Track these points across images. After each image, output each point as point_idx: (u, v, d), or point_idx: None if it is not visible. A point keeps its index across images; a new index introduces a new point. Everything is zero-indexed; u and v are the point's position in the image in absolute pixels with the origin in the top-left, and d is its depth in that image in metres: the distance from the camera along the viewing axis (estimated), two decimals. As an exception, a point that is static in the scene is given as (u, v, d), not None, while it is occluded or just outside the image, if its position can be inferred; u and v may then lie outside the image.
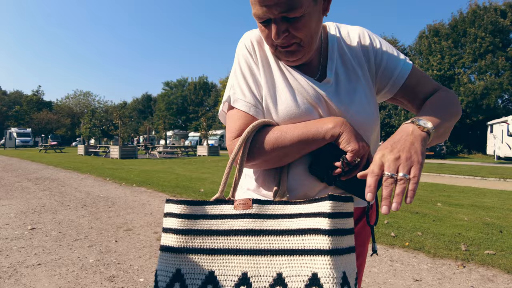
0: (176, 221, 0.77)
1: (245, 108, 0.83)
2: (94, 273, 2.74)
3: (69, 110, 54.88)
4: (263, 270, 0.72)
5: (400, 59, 0.89)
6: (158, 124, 36.67)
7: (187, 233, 0.76)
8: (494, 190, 7.19)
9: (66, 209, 5.07)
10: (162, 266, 0.76)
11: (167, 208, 0.79)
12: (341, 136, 0.75)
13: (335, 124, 0.76)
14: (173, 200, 0.79)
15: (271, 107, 0.82)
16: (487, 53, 25.60)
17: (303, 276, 0.69)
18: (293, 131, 0.77)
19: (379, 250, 3.33)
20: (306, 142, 0.76)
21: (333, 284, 0.66)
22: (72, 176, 9.40)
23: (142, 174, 9.79)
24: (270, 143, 0.78)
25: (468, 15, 27.55)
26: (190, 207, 0.78)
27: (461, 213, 4.83)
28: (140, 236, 3.73)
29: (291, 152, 0.78)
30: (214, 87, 57.18)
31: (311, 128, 0.77)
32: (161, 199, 5.99)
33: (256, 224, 0.74)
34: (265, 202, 0.76)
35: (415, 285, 2.58)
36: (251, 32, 0.90)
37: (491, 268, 2.88)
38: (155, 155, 20.72)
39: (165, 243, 0.77)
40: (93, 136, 27.20)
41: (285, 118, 0.81)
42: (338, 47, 0.88)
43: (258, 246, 0.73)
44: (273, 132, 0.79)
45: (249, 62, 0.86)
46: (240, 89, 0.85)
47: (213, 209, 0.78)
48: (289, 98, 0.81)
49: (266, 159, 0.80)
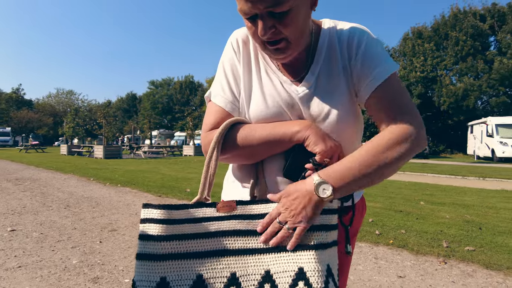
0: (158, 227, 0.73)
1: (222, 104, 0.86)
2: (78, 274, 2.69)
3: (51, 109, 53.55)
4: (252, 269, 0.73)
5: (375, 70, 0.80)
6: (143, 123, 36.23)
7: (171, 238, 0.73)
8: (474, 189, 7.40)
9: (48, 210, 4.95)
10: (142, 276, 0.71)
11: (145, 214, 0.74)
12: (308, 139, 0.76)
13: (301, 127, 0.78)
14: (152, 205, 0.75)
15: (245, 106, 0.85)
16: (468, 56, 26.32)
17: (290, 271, 0.71)
18: (261, 131, 0.80)
19: (364, 248, 3.39)
20: (273, 143, 0.79)
21: (319, 276, 0.70)
22: (55, 176, 9.18)
23: (127, 174, 9.64)
24: (239, 139, 0.81)
25: (450, 19, 28.26)
26: (172, 211, 0.75)
27: (443, 211, 4.96)
28: (125, 237, 3.68)
29: (259, 150, 0.81)
30: (200, 86, 56.80)
31: (279, 130, 0.79)
32: (146, 199, 5.92)
33: (243, 225, 0.75)
34: (248, 202, 0.77)
35: (399, 282, 2.63)
36: (239, 31, 0.91)
37: (471, 264, 2.96)
38: (140, 155, 20.45)
39: (145, 251, 0.72)
40: (77, 136, 26.60)
41: (254, 118, 0.83)
42: (327, 46, 0.86)
43: (246, 246, 0.74)
44: (244, 129, 0.81)
45: (233, 61, 0.88)
46: (220, 85, 0.88)
47: (196, 212, 0.76)
48: (260, 100, 0.83)
49: (235, 154, 0.83)
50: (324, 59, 0.85)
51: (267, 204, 0.77)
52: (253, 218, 0.76)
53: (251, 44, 0.89)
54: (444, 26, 28.48)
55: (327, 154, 0.75)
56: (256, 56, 0.88)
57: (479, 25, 26.42)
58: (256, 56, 0.88)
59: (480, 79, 25.68)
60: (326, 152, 0.75)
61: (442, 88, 26.44)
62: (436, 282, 2.62)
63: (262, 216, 0.76)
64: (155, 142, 41.49)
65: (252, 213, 0.77)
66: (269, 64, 0.87)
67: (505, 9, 27.25)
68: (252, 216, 0.76)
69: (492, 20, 27.16)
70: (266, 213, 0.76)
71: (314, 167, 0.75)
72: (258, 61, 0.88)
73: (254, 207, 0.77)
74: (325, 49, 0.86)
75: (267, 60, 0.88)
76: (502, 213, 4.90)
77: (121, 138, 41.45)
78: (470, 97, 25.02)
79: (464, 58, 26.47)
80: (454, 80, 27.12)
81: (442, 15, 29.40)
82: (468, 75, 26.23)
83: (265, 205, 0.77)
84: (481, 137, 20.22)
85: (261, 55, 0.88)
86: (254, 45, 0.89)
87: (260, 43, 0.79)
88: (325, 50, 0.86)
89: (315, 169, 0.75)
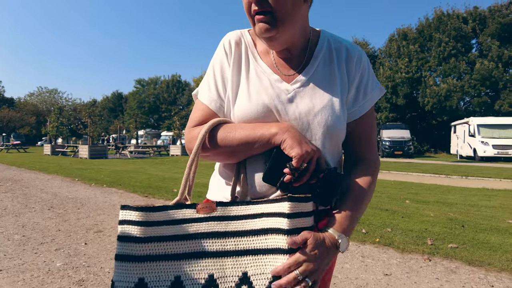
0: (137, 228, 0.73)
1: (207, 102, 0.88)
2: (62, 277, 2.63)
3: (34, 108, 52.18)
4: (229, 271, 0.73)
5: (371, 92, 0.90)
6: (129, 123, 35.72)
7: (150, 240, 0.74)
8: (457, 187, 7.59)
9: (30, 212, 4.83)
10: (121, 276, 0.72)
11: (124, 215, 0.75)
12: (285, 142, 0.76)
13: (279, 130, 0.78)
14: (131, 206, 0.75)
15: (231, 106, 0.87)
16: (451, 57, 26.95)
17: (267, 274, 0.73)
18: (241, 131, 0.81)
19: (351, 246, 3.43)
20: (252, 143, 0.80)
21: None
22: (38, 177, 8.96)
23: (112, 175, 9.49)
24: (219, 138, 0.82)
25: (434, 21, 28.86)
26: (150, 213, 0.75)
27: (428, 210, 5.06)
28: (111, 238, 3.62)
29: (238, 150, 0.82)
30: (187, 85, 56.31)
31: (258, 131, 0.79)
32: (133, 199, 5.84)
33: (221, 226, 0.76)
34: (228, 203, 0.78)
35: (385, 280, 2.67)
36: (232, 33, 0.93)
37: (454, 261, 3.04)
38: (126, 155, 20.16)
39: (123, 252, 0.73)
40: (61, 135, 25.96)
41: (238, 118, 0.84)
42: (325, 51, 0.89)
43: (224, 248, 0.75)
44: (224, 128, 0.83)
45: (222, 62, 0.89)
46: (208, 85, 0.90)
47: (175, 214, 0.76)
48: (245, 99, 0.84)
49: (215, 153, 0.84)
50: (320, 62, 0.87)
51: (247, 205, 0.77)
52: (232, 220, 0.76)
53: (243, 46, 0.90)
54: (429, 28, 29.07)
55: (303, 158, 0.75)
56: (247, 57, 0.89)
57: (462, 27, 27.08)
58: (247, 57, 0.89)
59: (463, 80, 26.35)
60: (302, 156, 0.74)
61: (426, 89, 27.01)
62: (421, 279, 2.68)
63: (241, 218, 0.76)
64: (142, 141, 41.01)
65: (231, 215, 0.77)
66: (260, 64, 0.88)
67: (486, 13, 28.01)
68: (231, 218, 0.77)
69: (474, 23, 27.88)
70: (245, 214, 0.76)
71: (290, 172, 0.75)
72: (249, 62, 0.89)
73: (234, 208, 0.77)
74: (322, 53, 0.88)
75: (258, 61, 0.89)
76: (483, 211, 5.03)
77: (107, 138, 40.76)
78: (453, 97, 25.63)
79: (447, 60, 27.09)
80: (438, 81, 27.73)
81: (426, 17, 30.02)
82: (451, 76, 26.86)
83: (245, 207, 0.77)
84: (464, 137, 20.74)
85: (252, 56, 0.89)
86: (246, 46, 0.90)
87: (250, 17, 0.81)
88: (322, 54, 0.88)
89: (292, 174, 0.75)
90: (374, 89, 0.91)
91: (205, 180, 7.50)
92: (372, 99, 0.90)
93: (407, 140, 21.72)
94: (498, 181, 9.03)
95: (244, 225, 0.76)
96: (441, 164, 15.67)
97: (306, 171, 0.76)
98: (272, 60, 0.89)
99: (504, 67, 25.88)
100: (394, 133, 22.14)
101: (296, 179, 0.76)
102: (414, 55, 28.60)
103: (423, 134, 29.24)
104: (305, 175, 0.76)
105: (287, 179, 0.76)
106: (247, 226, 0.76)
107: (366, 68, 0.90)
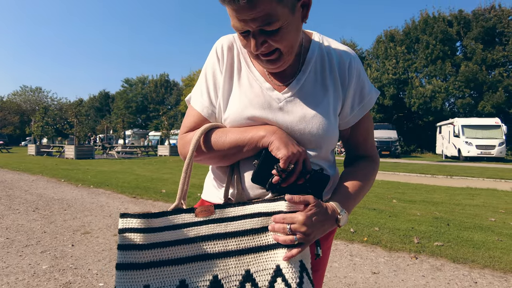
0: (139, 236, 0.74)
1: (199, 108, 0.90)
2: (48, 280, 2.58)
3: (17, 108, 50.92)
4: (232, 270, 0.75)
5: (368, 96, 0.92)
6: (117, 122, 35.24)
7: (153, 247, 0.74)
8: (442, 187, 7.75)
9: (14, 213, 4.72)
10: (124, 285, 0.72)
11: (124, 224, 0.75)
12: (272, 144, 0.78)
13: (267, 133, 0.80)
14: (131, 214, 0.75)
15: (222, 112, 0.88)
16: (437, 59, 27.50)
17: (269, 269, 0.75)
18: (231, 135, 0.83)
19: (339, 245, 3.47)
20: (242, 147, 0.81)
21: (293, 272, 0.74)
22: (22, 178, 8.76)
23: (99, 175, 9.35)
24: (210, 142, 0.84)
25: (420, 23, 29.39)
26: (151, 220, 0.76)
27: (414, 209, 5.16)
28: (99, 239, 3.57)
29: (228, 154, 0.83)
30: (176, 85, 55.88)
31: (247, 134, 0.81)
32: (121, 200, 5.77)
33: (221, 228, 0.78)
34: (225, 205, 0.80)
35: (373, 278, 2.72)
36: (225, 37, 0.93)
37: (439, 258, 3.11)
38: (113, 155, 19.88)
39: (126, 261, 0.73)
40: (46, 135, 25.42)
41: (229, 123, 0.86)
42: (317, 57, 0.89)
43: (226, 249, 0.77)
44: (216, 133, 0.85)
45: (214, 68, 0.90)
46: (200, 91, 0.91)
47: (175, 219, 0.78)
48: (236, 105, 0.85)
49: (207, 157, 0.86)
50: (312, 69, 0.88)
51: (244, 206, 0.79)
52: (230, 221, 0.78)
53: (235, 51, 0.90)
54: (415, 30, 29.58)
55: (290, 160, 0.76)
56: (239, 63, 0.90)
57: (448, 30, 27.65)
58: (239, 63, 0.90)
59: (448, 81, 26.93)
60: (289, 158, 0.76)
61: (413, 90, 27.49)
62: (408, 277, 2.73)
63: (239, 218, 0.78)
64: (129, 142, 40.49)
65: (230, 216, 0.79)
66: (252, 71, 0.88)
67: (470, 16, 28.66)
68: (230, 219, 0.79)
69: (458, 26, 28.51)
70: (243, 215, 0.79)
71: (278, 173, 0.76)
72: (241, 67, 0.89)
73: (232, 210, 0.79)
74: (314, 59, 0.89)
75: (250, 67, 0.89)
76: (468, 209, 5.16)
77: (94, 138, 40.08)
78: (438, 98, 26.16)
79: (434, 62, 27.63)
80: (424, 82, 28.26)
81: (413, 20, 30.54)
82: (436, 77, 27.41)
83: (242, 207, 0.79)
84: (449, 137, 21.19)
85: (244, 62, 0.89)
86: (238, 51, 0.90)
87: (253, 56, 0.82)
88: (313, 61, 0.88)
89: (279, 175, 0.77)
90: (370, 91, 0.93)
91: (193, 180, 7.46)
92: (369, 102, 0.92)
93: (394, 141, 22.06)
94: (481, 180, 9.26)
95: (243, 225, 0.78)
96: (427, 164, 15.97)
97: (293, 172, 0.77)
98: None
99: (487, 70, 26.56)
100: (381, 133, 22.45)
101: (284, 180, 0.77)
102: (401, 56, 29.08)
103: (410, 135, 29.75)
104: (292, 176, 0.78)
105: (275, 180, 0.77)
106: (247, 226, 0.78)
107: (360, 71, 0.91)
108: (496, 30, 27.19)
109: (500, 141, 18.51)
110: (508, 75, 26.28)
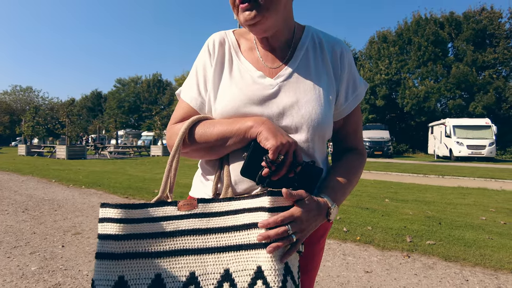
0: (116, 226, 0.73)
1: (188, 100, 0.90)
2: (37, 281, 2.54)
3: (7, 107, 50.18)
4: (211, 268, 0.72)
5: (359, 88, 0.93)
6: (109, 122, 34.92)
7: (129, 238, 0.73)
8: (434, 186, 7.82)
9: (3, 214, 4.64)
10: (101, 275, 0.72)
11: (103, 213, 0.75)
12: (260, 135, 0.75)
13: (254, 123, 0.77)
14: (110, 204, 0.75)
15: (212, 105, 0.87)
16: (429, 60, 27.80)
17: (249, 270, 0.71)
18: (219, 126, 0.81)
19: (332, 245, 3.47)
20: (229, 138, 0.80)
21: (275, 275, 0.69)
22: (11, 178, 8.62)
23: (91, 175, 9.25)
24: (198, 134, 0.83)
25: (412, 25, 29.68)
26: (130, 211, 0.75)
27: (406, 208, 5.19)
28: (90, 240, 3.52)
29: (216, 145, 0.82)
30: (169, 85, 55.57)
31: (235, 125, 0.79)
32: (113, 200, 5.71)
33: (202, 223, 0.75)
34: (210, 200, 0.77)
35: (366, 277, 2.72)
36: (217, 33, 0.94)
37: (431, 257, 3.13)
38: (105, 155, 19.70)
39: (104, 250, 0.73)
40: (37, 135, 25.06)
41: (219, 114, 0.85)
42: (309, 45, 0.90)
43: (205, 245, 0.74)
44: (203, 125, 0.83)
45: (205, 62, 0.90)
46: (190, 84, 0.92)
47: (156, 212, 0.76)
48: (226, 96, 0.84)
49: (194, 149, 0.84)
50: (304, 55, 0.88)
51: (229, 202, 0.76)
52: (213, 216, 0.75)
53: (226, 45, 0.91)
54: (407, 31, 29.86)
55: (279, 150, 0.73)
56: (230, 56, 0.90)
57: (439, 32, 27.97)
58: (230, 56, 0.90)
59: (439, 82, 27.23)
60: (278, 148, 0.73)
61: (405, 90, 27.74)
62: (400, 275, 2.74)
63: (222, 214, 0.75)
64: (121, 142, 40.17)
65: (212, 211, 0.76)
66: (243, 62, 0.88)
67: (461, 18, 29.02)
68: (212, 214, 0.76)
69: (450, 28, 28.85)
70: (226, 211, 0.75)
71: (267, 165, 0.74)
72: (232, 61, 0.89)
73: (216, 205, 0.76)
74: (306, 46, 0.90)
75: (241, 59, 0.89)
76: (459, 208, 5.21)
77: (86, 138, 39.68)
78: (431, 99, 26.46)
79: (426, 63, 27.93)
80: (416, 83, 28.55)
81: (405, 21, 30.80)
82: (428, 78, 27.70)
83: (227, 203, 0.76)
84: (441, 138, 21.42)
85: (236, 55, 0.90)
86: (229, 46, 0.91)
87: (236, 11, 0.81)
88: (305, 48, 0.89)
89: (269, 167, 0.74)
90: (361, 82, 0.95)
91: (187, 181, 7.42)
92: (361, 93, 0.94)
93: (386, 141, 22.22)
94: (472, 180, 9.37)
95: (225, 221, 0.75)
96: (419, 164, 16.11)
97: (283, 163, 0.75)
98: (258, 55, 0.89)
99: (477, 71, 26.92)
100: (374, 133, 22.61)
101: (274, 172, 0.75)
102: (394, 57, 29.34)
103: (402, 135, 30.02)
104: (282, 168, 0.75)
105: (265, 173, 0.75)
106: (229, 222, 0.75)
107: (351, 61, 0.92)
108: (486, 32, 27.58)
109: (490, 141, 18.77)
110: (498, 77, 26.67)
